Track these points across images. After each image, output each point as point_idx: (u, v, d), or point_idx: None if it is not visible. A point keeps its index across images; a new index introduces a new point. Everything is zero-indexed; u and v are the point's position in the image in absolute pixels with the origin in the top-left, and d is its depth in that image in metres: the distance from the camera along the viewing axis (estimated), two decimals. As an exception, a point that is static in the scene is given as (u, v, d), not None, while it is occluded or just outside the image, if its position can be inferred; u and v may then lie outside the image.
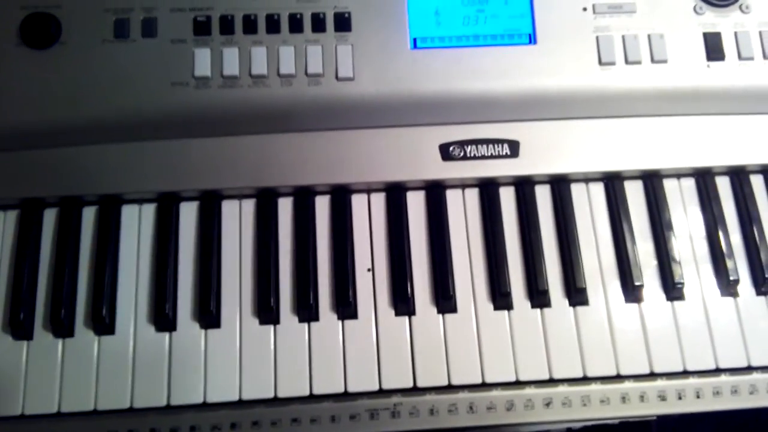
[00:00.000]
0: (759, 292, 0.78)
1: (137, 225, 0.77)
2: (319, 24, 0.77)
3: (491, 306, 0.76)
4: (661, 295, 0.77)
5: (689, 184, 0.82)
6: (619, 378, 0.74)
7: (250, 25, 0.76)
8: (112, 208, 0.77)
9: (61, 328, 0.73)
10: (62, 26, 0.75)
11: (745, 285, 0.78)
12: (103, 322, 0.72)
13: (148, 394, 0.71)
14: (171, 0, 0.76)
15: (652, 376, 0.74)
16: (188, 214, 0.77)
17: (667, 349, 0.75)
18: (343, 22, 0.77)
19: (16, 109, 0.74)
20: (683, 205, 0.81)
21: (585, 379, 0.74)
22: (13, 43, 0.74)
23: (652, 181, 0.81)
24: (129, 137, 0.75)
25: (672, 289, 0.77)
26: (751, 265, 0.79)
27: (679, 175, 0.82)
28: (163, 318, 0.73)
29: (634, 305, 0.76)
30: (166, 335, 0.73)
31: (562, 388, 0.73)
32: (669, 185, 0.82)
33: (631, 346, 0.75)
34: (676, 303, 0.77)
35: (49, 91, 0.74)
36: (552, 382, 0.74)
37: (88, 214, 0.77)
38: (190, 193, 0.77)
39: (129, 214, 0.77)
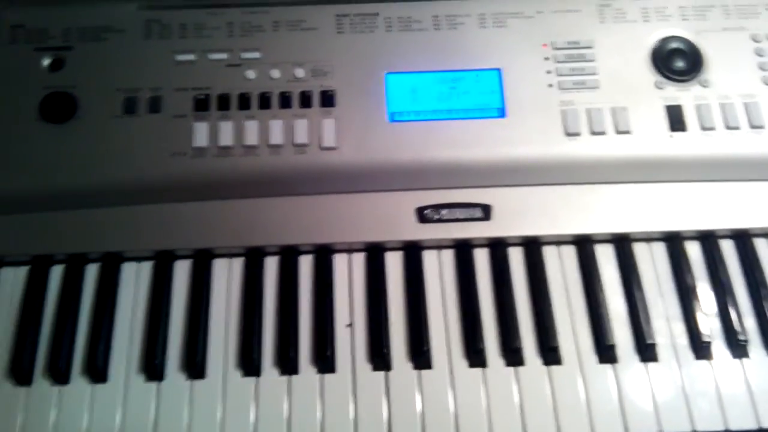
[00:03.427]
0: (735, 355, 0.79)
1: (134, 281, 0.83)
2: (306, 100, 0.85)
3: (466, 363, 0.78)
4: (635, 356, 0.79)
5: (659, 247, 0.85)
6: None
7: (244, 102, 0.85)
8: (113, 265, 0.83)
9: (59, 375, 0.78)
10: (78, 103, 0.85)
11: (719, 347, 0.80)
12: (97, 371, 0.77)
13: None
14: (175, 81, 0.85)
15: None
16: (182, 271, 0.83)
17: (641, 408, 0.76)
18: (328, 99, 0.85)
19: (33, 176, 0.82)
20: (654, 268, 0.84)
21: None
22: (33, 118, 0.84)
23: (623, 244, 0.85)
24: (131, 201, 0.82)
25: (645, 350, 0.79)
26: (725, 328, 0.80)
27: (649, 239, 0.85)
28: (153, 368, 0.77)
29: (608, 365, 0.78)
30: (155, 385, 0.78)
31: (538, 448, 0.74)
32: (639, 248, 0.85)
33: (605, 407, 0.76)
34: (650, 364, 0.78)
35: (63, 161, 0.82)
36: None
37: (91, 271, 0.83)
38: (184, 251, 0.83)
39: (128, 270, 0.83)
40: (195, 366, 0.78)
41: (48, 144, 0.83)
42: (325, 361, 0.78)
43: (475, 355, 0.79)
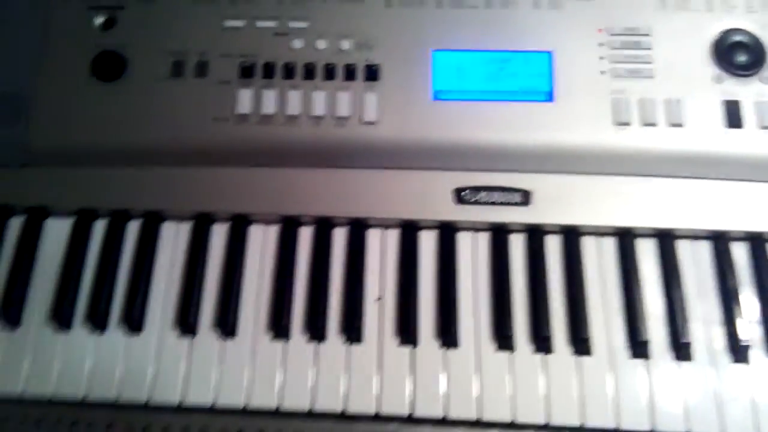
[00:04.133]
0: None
1: (173, 240, 0.85)
2: (350, 73, 0.85)
3: (494, 346, 0.78)
4: (669, 354, 0.77)
5: (704, 246, 0.83)
6: (617, 432, 0.73)
7: (288, 72, 0.85)
8: (154, 224, 0.85)
9: (97, 324, 0.81)
10: (128, 63, 0.86)
11: (757, 353, 0.77)
12: (133, 323, 0.80)
13: (165, 391, 0.77)
14: (222, 46, 0.86)
15: (652, 434, 0.73)
16: (219, 234, 0.85)
17: (671, 408, 0.75)
18: (372, 73, 0.85)
19: (82, 132, 0.85)
20: (696, 266, 0.82)
21: (582, 429, 0.75)
22: (85, 75, 0.86)
23: (665, 240, 0.82)
24: (174, 162, 0.84)
25: (679, 349, 0.77)
26: (766, 331, 0.78)
27: (694, 236, 0.83)
28: (186, 324, 0.80)
29: (640, 360, 0.77)
30: (187, 339, 0.80)
31: (557, 435, 0.73)
32: (682, 245, 0.82)
33: (633, 401, 0.75)
34: (684, 363, 0.77)
35: (110, 119, 0.85)
36: (547, 428, 0.75)
37: (133, 228, 0.86)
38: (222, 215, 0.85)
39: (168, 229, 0.85)
40: (227, 325, 0.79)
41: (97, 101, 0.85)
42: (353, 331, 0.79)
43: (503, 340, 0.78)
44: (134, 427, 0.76)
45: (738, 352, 0.77)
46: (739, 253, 0.82)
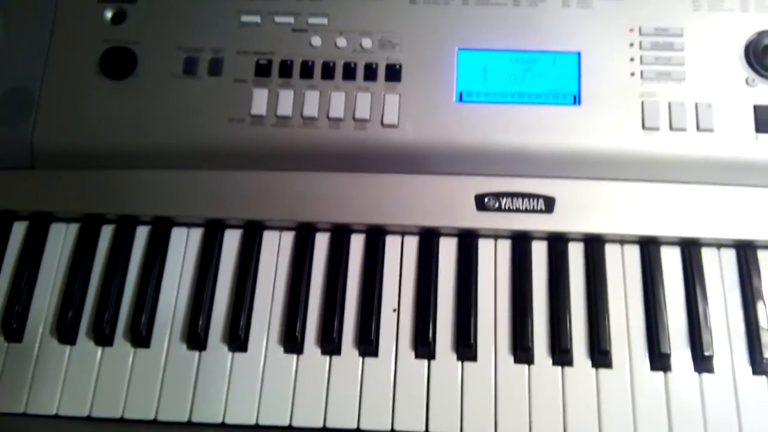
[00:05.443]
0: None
1: (184, 247, 0.82)
2: (371, 73, 0.82)
3: (512, 359, 0.76)
4: (690, 366, 0.76)
5: (729, 255, 0.80)
6: (637, 448, 0.72)
7: (306, 71, 0.82)
8: (163, 230, 0.82)
9: (102, 337, 0.78)
10: (138, 60, 0.83)
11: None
12: (140, 336, 0.77)
13: (172, 408, 0.75)
14: (238, 43, 0.83)
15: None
16: (231, 241, 0.82)
17: (691, 422, 0.73)
18: (394, 73, 0.82)
19: (89, 132, 0.81)
20: (721, 276, 0.80)
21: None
22: (93, 72, 0.82)
23: (691, 249, 0.80)
24: (185, 165, 0.81)
25: (701, 361, 0.75)
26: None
27: (719, 245, 0.81)
28: (195, 337, 0.77)
29: (660, 374, 0.75)
30: (196, 354, 0.77)
31: (576, 452, 0.72)
32: (708, 255, 0.80)
33: (652, 415, 0.73)
34: (705, 375, 0.75)
35: (120, 118, 0.81)
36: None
37: (141, 233, 0.83)
38: (234, 221, 0.82)
39: (178, 236, 0.82)
40: (238, 339, 0.77)
41: (105, 100, 0.82)
42: (368, 345, 0.77)
43: (523, 352, 0.76)
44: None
45: (759, 364, 0.76)
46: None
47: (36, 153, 0.81)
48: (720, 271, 0.80)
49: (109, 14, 0.84)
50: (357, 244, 0.81)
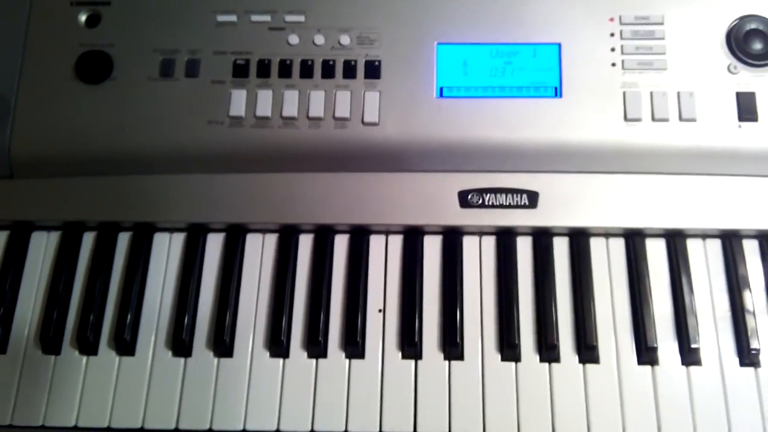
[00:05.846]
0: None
1: (166, 252, 0.81)
2: (350, 70, 0.81)
3: (499, 357, 0.76)
4: (677, 359, 0.75)
5: (715, 245, 0.80)
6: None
7: (285, 70, 0.81)
8: (145, 235, 0.81)
9: (87, 346, 0.77)
10: (114, 64, 0.81)
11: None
12: (125, 344, 0.77)
13: (159, 416, 0.74)
14: (214, 43, 0.81)
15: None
16: (214, 245, 0.81)
17: (679, 414, 0.73)
18: (373, 70, 0.81)
19: (67, 138, 0.80)
20: (706, 267, 0.79)
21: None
22: (68, 78, 0.81)
23: (676, 240, 0.80)
24: (165, 169, 0.80)
25: (688, 354, 0.75)
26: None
27: (704, 235, 0.80)
28: (180, 344, 0.77)
29: (647, 367, 0.75)
30: (182, 360, 0.77)
31: (565, 449, 0.72)
32: (693, 245, 0.80)
33: (641, 409, 0.73)
34: (692, 368, 0.75)
35: (98, 123, 0.80)
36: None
37: (123, 239, 0.82)
38: (217, 225, 0.81)
39: (160, 241, 0.82)
40: (223, 344, 0.77)
41: (82, 105, 0.81)
42: (354, 346, 0.76)
43: (510, 350, 0.76)
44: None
45: (747, 355, 0.75)
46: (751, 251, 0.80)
47: (14, 161, 0.80)
48: (706, 262, 0.80)
49: (83, 17, 0.83)
50: (341, 244, 0.81)
